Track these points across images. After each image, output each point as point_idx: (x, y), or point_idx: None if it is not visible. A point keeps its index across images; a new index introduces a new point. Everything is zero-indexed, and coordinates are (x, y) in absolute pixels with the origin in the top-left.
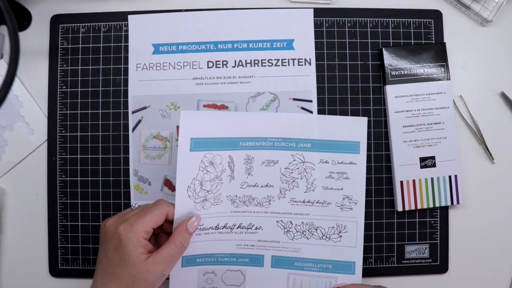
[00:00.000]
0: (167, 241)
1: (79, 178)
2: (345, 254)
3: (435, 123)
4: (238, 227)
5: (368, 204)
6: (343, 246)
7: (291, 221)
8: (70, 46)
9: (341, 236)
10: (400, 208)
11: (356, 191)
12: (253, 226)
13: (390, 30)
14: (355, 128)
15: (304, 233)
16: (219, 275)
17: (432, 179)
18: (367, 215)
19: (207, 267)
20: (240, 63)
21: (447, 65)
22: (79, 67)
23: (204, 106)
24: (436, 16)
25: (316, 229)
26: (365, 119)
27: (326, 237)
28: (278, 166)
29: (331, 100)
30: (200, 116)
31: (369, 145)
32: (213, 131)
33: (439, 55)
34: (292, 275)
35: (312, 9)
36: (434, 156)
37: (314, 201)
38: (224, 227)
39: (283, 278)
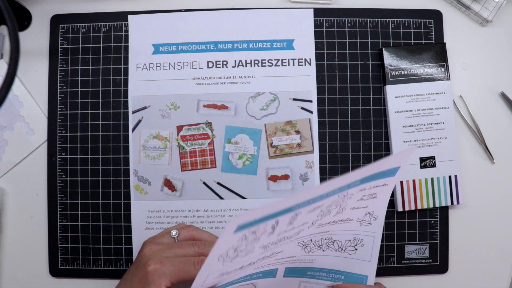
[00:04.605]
0: None
1: (79, 178)
2: (359, 267)
3: (435, 123)
4: (262, 259)
5: None
6: (358, 259)
7: (311, 239)
8: (70, 46)
9: (356, 249)
10: (400, 208)
11: (378, 208)
12: (274, 252)
13: (390, 30)
14: (402, 158)
15: (321, 246)
16: None
17: (432, 179)
18: None
19: None
20: (240, 63)
21: (447, 65)
22: (79, 67)
23: (204, 106)
24: (436, 16)
25: (333, 242)
26: (413, 149)
27: (342, 249)
28: (320, 209)
29: (331, 100)
30: (253, 214)
31: (369, 145)
32: (263, 212)
33: (439, 55)
34: (303, 283)
35: (312, 9)
36: (434, 156)
37: (338, 220)
38: (248, 264)
39: (294, 286)
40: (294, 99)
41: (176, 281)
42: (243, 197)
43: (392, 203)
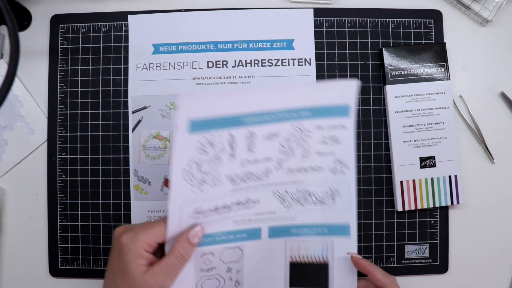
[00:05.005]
0: (170, 251)
1: (79, 178)
2: (339, 216)
3: (435, 123)
4: (237, 204)
5: (368, 204)
6: (337, 210)
7: (286, 190)
8: (70, 46)
9: (334, 200)
10: (400, 208)
11: (347, 155)
12: (250, 200)
13: (390, 30)
14: (345, 91)
15: (299, 200)
16: (217, 255)
17: (432, 179)
18: (367, 215)
19: (204, 248)
20: (240, 63)
21: (447, 65)
22: (79, 67)
23: None
24: (436, 16)
25: (310, 195)
26: (355, 82)
27: (321, 202)
28: (278, 139)
29: None
30: (200, 99)
31: (369, 145)
32: (214, 110)
33: (439, 55)
34: (289, 242)
35: (312, 9)
36: (434, 156)
37: (308, 168)
38: (223, 207)
39: (281, 247)
40: None
41: (153, 242)
42: None
43: (392, 203)
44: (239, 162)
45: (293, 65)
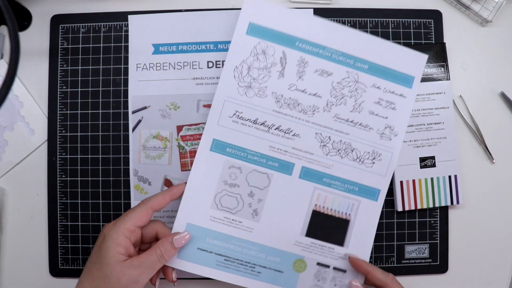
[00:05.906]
0: (150, 248)
1: (79, 178)
2: (373, 180)
3: (435, 123)
4: (276, 128)
5: None
6: (373, 173)
7: (329, 136)
8: (70, 46)
9: (374, 162)
10: (400, 208)
11: (399, 124)
12: (291, 131)
13: (390, 30)
14: (414, 62)
15: (340, 151)
16: (244, 173)
17: (432, 179)
18: None
19: (234, 161)
20: None
21: (447, 65)
22: (79, 67)
23: (204, 106)
24: (436, 16)
25: (352, 151)
26: (426, 56)
27: (360, 160)
28: (330, 79)
29: None
30: (264, 4)
31: None
32: (273, 22)
33: (439, 55)
34: (318, 189)
35: (312, 9)
36: (434, 156)
37: (357, 123)
38: (262, 124)
39: (309, 191)
40: None
41: (133, 226)
42: None
43: (392, 203)
44: (287, 84)
45: None
